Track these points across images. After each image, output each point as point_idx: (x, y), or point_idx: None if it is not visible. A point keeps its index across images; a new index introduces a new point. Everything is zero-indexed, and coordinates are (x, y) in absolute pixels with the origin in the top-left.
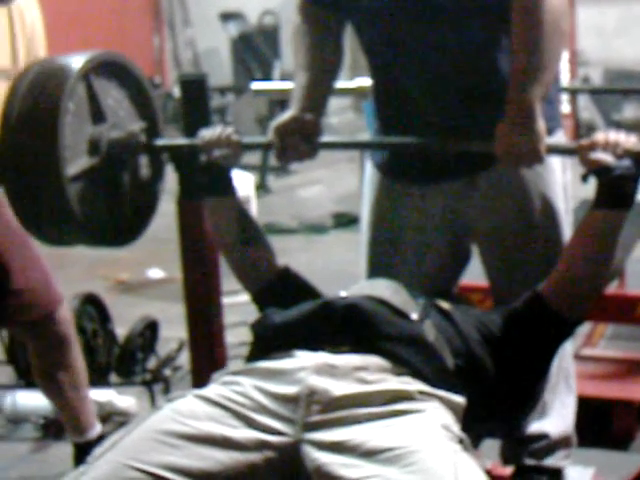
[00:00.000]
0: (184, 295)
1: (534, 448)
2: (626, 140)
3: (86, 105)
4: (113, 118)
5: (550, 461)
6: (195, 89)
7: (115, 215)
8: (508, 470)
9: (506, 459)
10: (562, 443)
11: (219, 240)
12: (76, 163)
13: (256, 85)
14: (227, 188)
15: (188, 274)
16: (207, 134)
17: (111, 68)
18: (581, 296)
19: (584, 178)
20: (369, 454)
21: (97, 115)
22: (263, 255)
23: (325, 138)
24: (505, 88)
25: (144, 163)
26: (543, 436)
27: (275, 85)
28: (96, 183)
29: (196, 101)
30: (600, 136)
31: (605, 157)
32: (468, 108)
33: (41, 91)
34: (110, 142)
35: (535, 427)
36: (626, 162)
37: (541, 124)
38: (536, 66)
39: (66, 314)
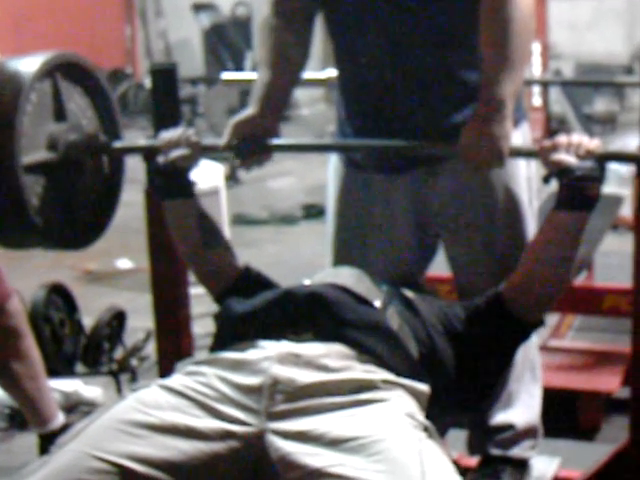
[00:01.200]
0: (151, 285)
1: (500, 438)
2: (588, 141)
3: (49, 102)
4: (74, 120)
5: (516, 451)
6: (165, 78)
7: (72, 217)
8: (474, 460)
9: (472, 449)
10: (528, 433)
11: (178, 243)
12: (32, 155)
13: (227, 75)
14: (186, 190)
15: (155, 264)
16: (167, 135)
17: (77, 72)
18: (541, 299)
19: (545, 180)
20: (333, 443)
21: (59, 114)
22: (223, 257)
23: (291, 133)
24: (473, 85)
25: (103, 165)
26: (509, 426)
27: (246, 75)
28: (53, 183)
29: (166, 90)
30: (562, 138)
31: (567, 158)
32: (441, 101)
33: (4, 80)
34: (68, 143)
35: (501, 417)
36: (588, 163)
37: (509, 124)
38: (506, 63)
39: (17, 306)
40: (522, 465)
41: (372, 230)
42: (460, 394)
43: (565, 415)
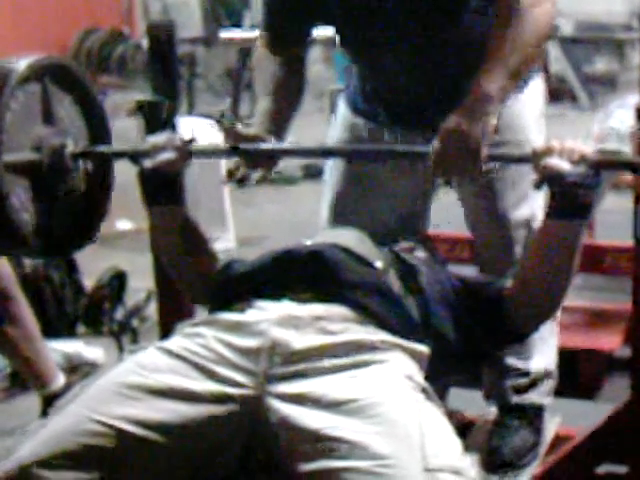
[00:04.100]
0: (151, 245)
1: (516, 383)
2: (582, 147)
3: (37, 105)
4: (62, 125)
5: (532, 396)
6: (163, 37)
7: (54, 224)
8: (475, 418)
9: (488, 396)
10: (545, 376)
11: (160, 248)
12: (15, 153)
13: (225, 33)
14: (172, 197)
15: None
16: (153, 139)
17: (67, 78)
18: (539, 313)
19: (537, 186)
20: (332, 405)
21: (47, 118)
22: (205, 266)
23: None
24: None
25: (89, 171)
26: (525, 372)
27: (244, 34)
28: (36, 187)
29: (164, 50)
30: (556, 142)
31: (560, 163)
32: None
33: None
34: (53, 145)
35: (517, 362)
36: (581, 169)
37: (488, 122)
38: (503, 67)
39: (6, 268)
40: (538, 411)
41: (377, 180)
42: (459, 356)
43: (566, 374)
